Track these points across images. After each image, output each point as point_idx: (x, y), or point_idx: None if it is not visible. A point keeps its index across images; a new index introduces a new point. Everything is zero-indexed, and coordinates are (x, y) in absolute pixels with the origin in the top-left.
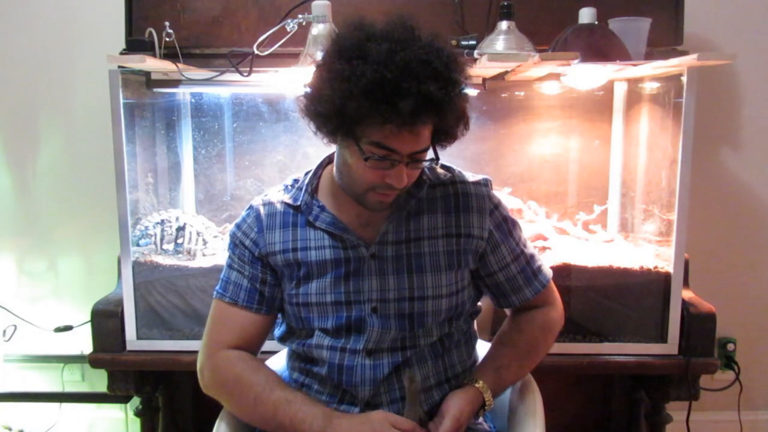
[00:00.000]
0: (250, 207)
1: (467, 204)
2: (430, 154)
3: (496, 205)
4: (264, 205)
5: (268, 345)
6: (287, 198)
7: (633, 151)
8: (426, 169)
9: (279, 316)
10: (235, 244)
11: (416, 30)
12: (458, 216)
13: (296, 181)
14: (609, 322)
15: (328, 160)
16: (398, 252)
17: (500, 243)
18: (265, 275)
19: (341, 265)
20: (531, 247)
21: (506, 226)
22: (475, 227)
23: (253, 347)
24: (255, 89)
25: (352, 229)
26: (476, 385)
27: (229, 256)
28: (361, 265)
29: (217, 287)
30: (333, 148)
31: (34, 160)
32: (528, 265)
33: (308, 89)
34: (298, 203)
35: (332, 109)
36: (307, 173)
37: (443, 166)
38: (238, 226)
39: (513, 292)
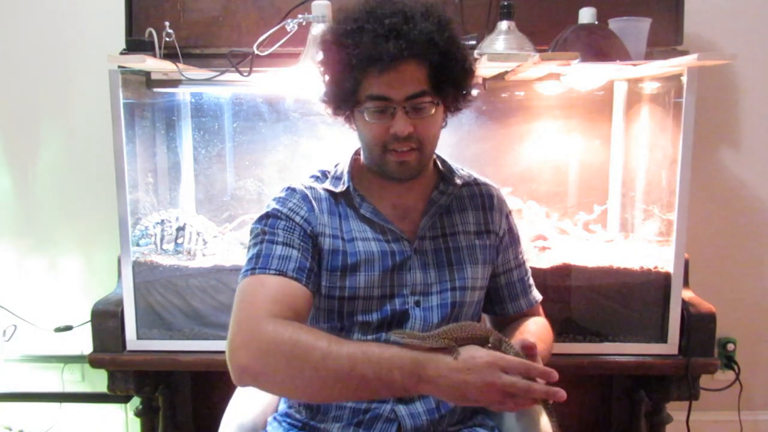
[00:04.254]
0: (292, 189)
1: (492, 203)
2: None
3: (510, 212)
4: (307, 188)
5: None
6: (327, 186)
7: (633, 151)
8: (454, 170)
9: None
10: (278, 218)
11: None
12: (485, 213)
13: (324, 172)
14: (609, 322)
15: (356, 153)
16: (436, 246)
17: (508, 247)
18: (315, 252)
19: (387, 257)
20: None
21: (514, 233)
22: (497, 224)
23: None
24: (255, 89)
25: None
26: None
27: (267, 233)
28: (405, 258)
29: (251, 266)
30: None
31: (34, 160)
32: (526, 277)
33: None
34: (342, 189)
35: (329, 76)
36: (336, 164)
37: (461, 169)
38: (282, 202)
39: (510, 299)
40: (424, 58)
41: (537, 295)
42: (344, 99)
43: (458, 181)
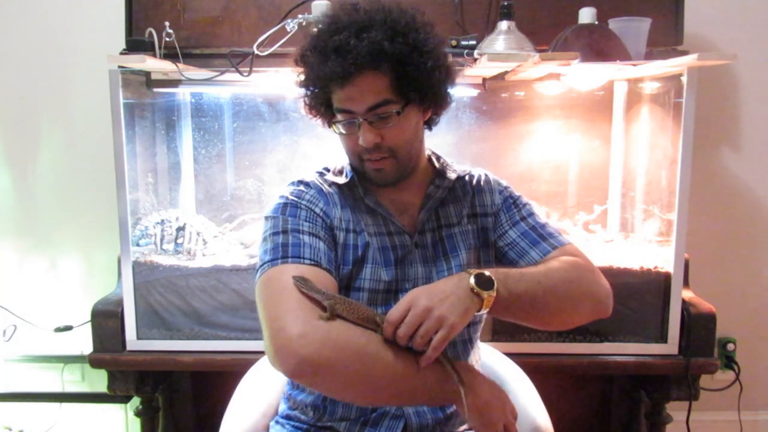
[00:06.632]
0: (306, 183)
1: (480, 187)
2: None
3: (506, 187)
4: (318, 182)
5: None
6: (332, 178)
7: (633, 151)
8: (449, 165)
9: None
10: (298, 208)
11: (365, 8)
12: (473, 198)
13: (327, 168)
14: (609, 322)
15: None
16: (434, 239)
17: (501, 214)
18: (336, 245)
19: (389, 251)
20: (541, 219)
21: (511, 201)
22: (488, 205)
23: None
24: (255, 89)
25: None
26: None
27: (289, 222)
28: (407, 252)
29: (278, 254)
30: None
31: (34, 160)
32: (532, 230)
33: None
34: (347, 181)
35: (306, 93)
36: (336, 163)
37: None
38: (298, 196)
39: (519, 257)
40: (379, 68)
41: (557, 241)
42: (321, 113)
43: (452, 175)
